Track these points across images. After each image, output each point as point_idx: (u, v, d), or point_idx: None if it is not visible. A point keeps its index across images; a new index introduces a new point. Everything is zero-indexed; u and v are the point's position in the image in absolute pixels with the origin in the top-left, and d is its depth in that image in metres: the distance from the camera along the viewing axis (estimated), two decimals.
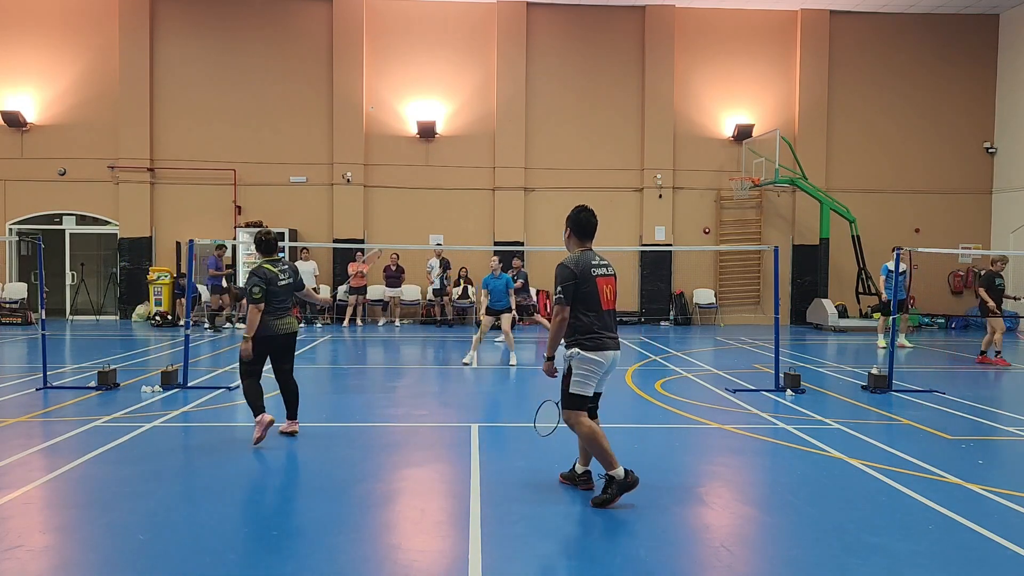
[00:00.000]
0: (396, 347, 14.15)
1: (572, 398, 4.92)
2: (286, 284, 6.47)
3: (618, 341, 5.00)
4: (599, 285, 4.86)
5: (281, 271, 6.46)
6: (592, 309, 4.85)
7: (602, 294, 4.87)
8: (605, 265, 4.98)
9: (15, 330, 16.12)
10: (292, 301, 6.59)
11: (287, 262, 6.65)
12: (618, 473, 4.80)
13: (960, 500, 5.05)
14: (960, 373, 11.40)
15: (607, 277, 4.94)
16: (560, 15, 19.16)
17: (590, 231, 5.06)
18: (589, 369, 4.86)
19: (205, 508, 4.84)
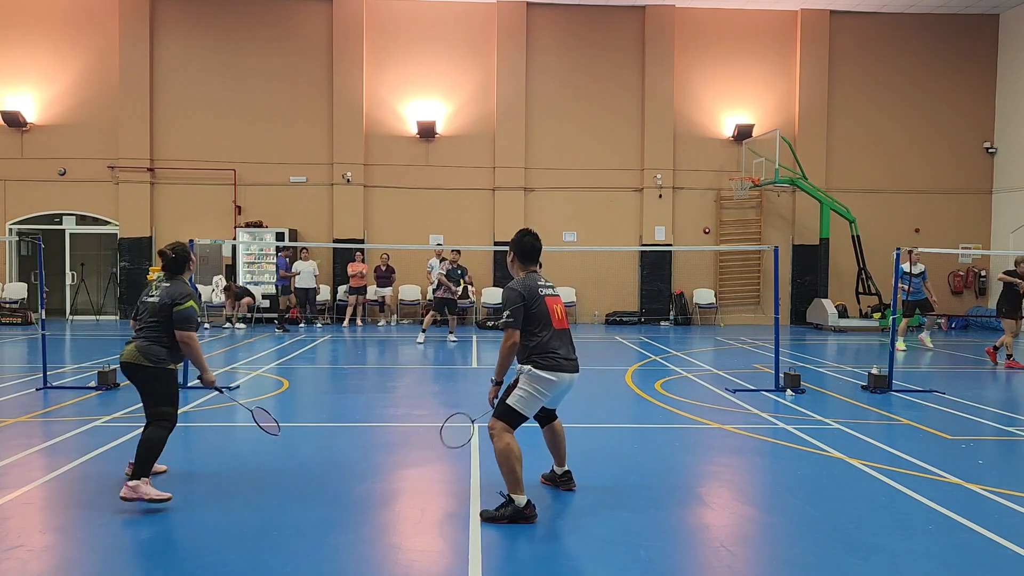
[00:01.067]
0: (395, 347, 14.15)
1: (508, 412, 4.68)
2: (149, 302, 5.11)
3: (576, 364, 4.81)
4: (548, 304, 4.79)
5: (157, 286, 5.16)
6: (545, 328, 4.70)
7: (552, 312, 4.79)
8: (550, 286, 4.94)
9: (15, 330, 16.12)
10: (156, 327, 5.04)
11: (175, 286, 5.13)
12: (520, 500, 4.54)
13: (960, 500, 5.05)
14: (960, 373, 11.40)
15: (554, 296, 4.89)
16: (560, 15, 19.16)
17: (534, 255, 4.96)
18: (537, 388, 4.65)
19: (205, 508, 4.84)
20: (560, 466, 5.23)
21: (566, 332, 4.87)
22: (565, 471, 5.22)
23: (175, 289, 5.09)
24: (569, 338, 4.89)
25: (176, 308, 5.01)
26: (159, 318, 5.03)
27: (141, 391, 5.04)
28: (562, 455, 5.19)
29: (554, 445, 5.17)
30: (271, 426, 5.54)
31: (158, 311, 5.04)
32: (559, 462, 5.23)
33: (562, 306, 4.94)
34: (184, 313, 5.02)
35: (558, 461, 5.23)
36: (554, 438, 5.16)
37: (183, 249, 5.29)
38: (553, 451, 5.20)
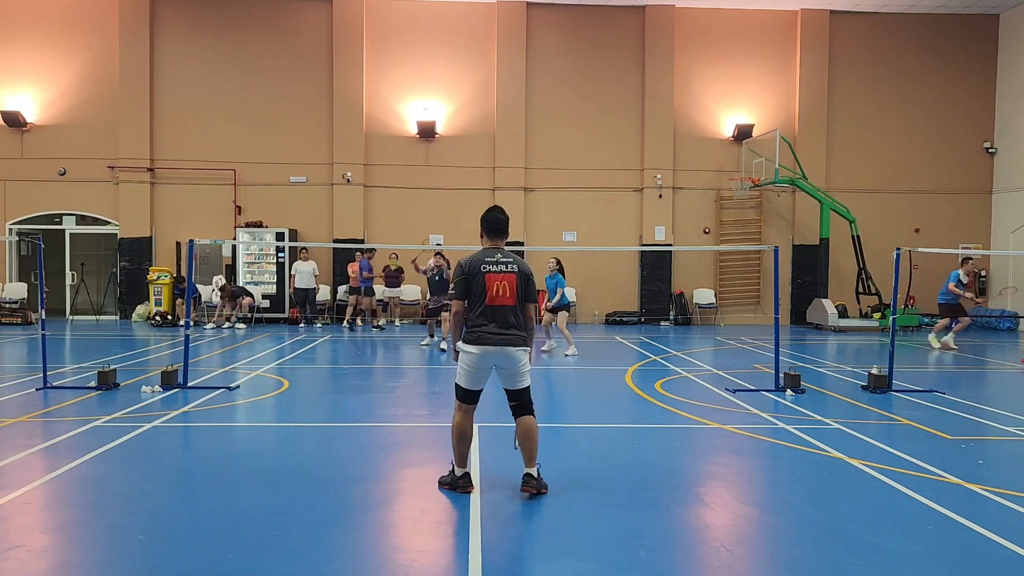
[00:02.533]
0: (396, 347, 14.14)
1: (456, 386, 5.09)
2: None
3: (504, 337, 4.88)
4: (487, 280, 4.91)
5: None
6: (478, 302, 4.94)
7: (489, 288, 4.90)
8: (505, 262, 4.97)
9: (15, 330, 16.12)
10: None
11: None
12: (457, 471, 5.04)
13: (960, 500, 5.05)
14: (960, 373, 11.40)
15: (502, 274, 4.93)
16: (560, 15, 19.16)
17: (497, 228, 5.11)
18: (464, 360, 4.96)
19: (205, 508, 4.84)
20: (527, 465, 5.05)
21: (501, 308, 4.92)
22: (526, 472, 5.04)
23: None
24: (505, 314, 4.91)
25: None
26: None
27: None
28: (527, 454, 5.03)
29: (521, 441, 5.05)
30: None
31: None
32: (525, 461, 5.06)
33: (507, 283, 4.92)
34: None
35: (524, 459, 5.07)
36: (521, 434, 5.04)
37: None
38: (520, 447, 5.08)
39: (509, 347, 4.92)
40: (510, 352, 4.93)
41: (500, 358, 4.94)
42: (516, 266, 4.99)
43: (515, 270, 4.98)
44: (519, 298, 4.96)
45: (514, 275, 4.96)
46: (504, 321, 4.93)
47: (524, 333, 4.98)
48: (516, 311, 4.96)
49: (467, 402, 5.06)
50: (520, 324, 4.98)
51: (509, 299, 4.94)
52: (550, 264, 13.09)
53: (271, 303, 18.20)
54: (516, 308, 4.96)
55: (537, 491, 5.01)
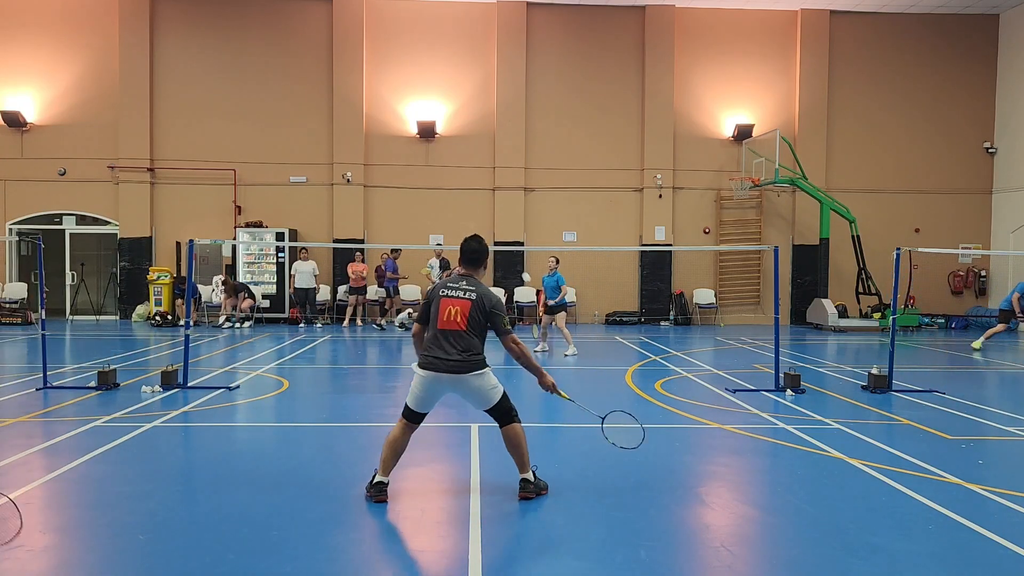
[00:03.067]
0: (396, 347, 14.14)
1: (405, 403, 5.11)
2: None
3: (450, 364, 4.83)
4: (441, 305, 4.93)
5: None
6: (431, 327, 4.99)
7: (441, 313, 4.91)
8: (463, 289, 4.95)
9: (15, 330, 16.12)
10: None
11: None
12: (379, 478, 4.99)
13: (960, 500, 5.05)
14: (960, 373, 11.40)
15: (454, 299, 4.92)
16: (560, 15, 19.16)
17: (472, 258, 5.10)
18: (415, 383, 5.02)
19: (205, 508, 4.84)
20: (520, 472, 5.05)
21: (449, 333, 4.89)
22: (521, 478, 5.04)
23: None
24: (454, 339, 4.87)
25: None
26: None
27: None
28: (517, 460, 5.02)
29: (509, 450, 5.04)
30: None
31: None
32: (518, 468, 5.06)
33: (460, 308, 4.89)
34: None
35: (517, 466, 5.07)
36: (507, 444, 5.03)
37: None
38: (511, 455, 5.07)
39: (459, 373, 4.85)
40: (462, 379, 4.86)
41: (452, 385, 4.91)
42: (475, 295, 4.91)
43: (472, 298, 4.90)
44: (471, 325, 4.87)
45: (469, 303, 4.89)
46: (453, 347, 4.87)
47: (476, 357, 4.87)
48: (467, 337, 4.86)
49: (410, 420, 5.06)
50: (471, 349, 4.86)
51: (460, 324, 4.88)
52: (550, 263, 13.05)
53: (271, 303, 18.19)
54: (467, 334, 4.86)
55: (536, 494, 5.00)
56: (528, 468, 5.02)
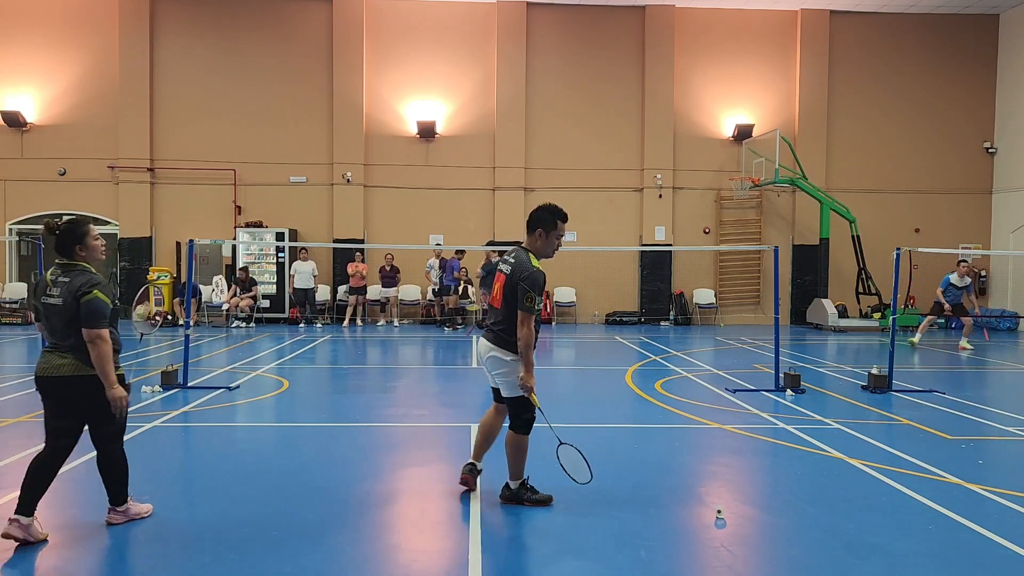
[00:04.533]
0: (396, 347, 14.15)
1: None
2: (53, 305, 4.19)
3: (486, 336, 4.89)
4: (496, 279, 4.94)
5: (56, 282, 4.21)
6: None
7: (493, 287, 4.96)
8: (506, 261, 4.90)
9: (15, 330, 16.13)
10: (74, 333, 4.18)
11: (78, 276, 4.21)
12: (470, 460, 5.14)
13: (960, 500, 5.05)
14: (960, 373, 11.40)
15: (500, 273, 4.88)
16: (560, 15, 19.16)
17: (527, 224, 4.96)
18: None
19: (205, 508, 4.84)
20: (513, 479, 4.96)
21: (492, 308, 4.95)
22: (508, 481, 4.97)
23: (75, 281, 4.17)
24: (494, 313, 4.90)
25: (84, 301, 4.12)
26: (72, 319, 4.16)
27: (93, 413, 4.28)
28: (509, 465, 4.91)
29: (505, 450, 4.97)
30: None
31: (66, 312, 4.16)
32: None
33: (499, 283, 4.85)
34: (90, 306, 4.12)
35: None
36: (505, 444, 4.94)
37: (73, 223, 4.33)
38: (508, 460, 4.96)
39: (486, 342, 4.87)
40: (486, 347, 4.86)
41: (485, 359, 4.90)
42: (510, 267, 4.79)
43: (506, 271, 4.81)
44: (505, 298, 4.75)
45: (504, 276, 4.82)
46: (496, 319, 4.87)
47: (505, 335, 4.73)
48: (500, 311, 4.80)
49: (495, 399, 5.10)
50: (503, 325, 4.76)
51: (496, 298, 4.86)
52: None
53: (271, 303, 18.19)
54: (501, 309, 4.80)
55: (514, 501, 4.87)
56: (517, 477, 4.90)
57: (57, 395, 4.22)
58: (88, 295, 4.11)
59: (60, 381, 4.16)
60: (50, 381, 4.17)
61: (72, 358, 4.17)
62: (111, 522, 4.42)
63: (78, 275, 4.20)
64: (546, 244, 4.85)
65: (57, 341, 4.21)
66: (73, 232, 4.26)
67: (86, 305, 4.11)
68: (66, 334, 4.18)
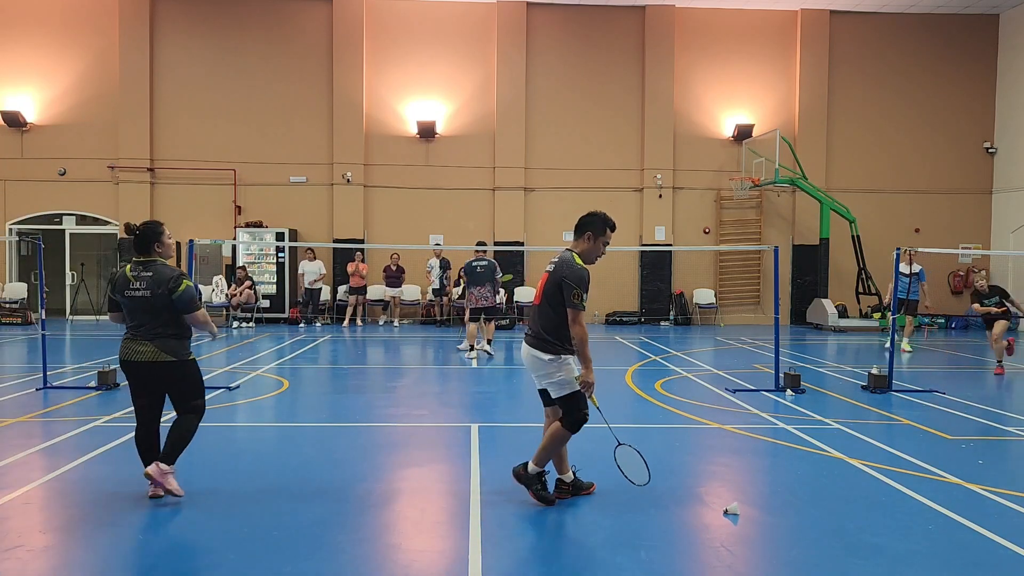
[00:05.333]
0: (396, 347, 14.15)
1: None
2: (139, 297, 4.79)
3: (527, 336, 4.91)
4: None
5: (138, 276, 4.82)
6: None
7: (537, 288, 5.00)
8: (552, 262, 4.94)
9: (15, 330, 16.12)
10: (158, 322, 4.80)
11: (162, 270, 4.87)
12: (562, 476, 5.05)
13: (960, 500, 5.05)
14: (960, 373, 11.40)
15: (545, 273, 4.93)
16: (560, 15, 19.16)
17: (575, 229, 5.01)
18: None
19: (205, 508, 4.84)
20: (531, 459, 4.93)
21: (534, 307, 5.01)
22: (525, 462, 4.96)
23: (161, 275, 4.76)
24: (535, 314, 4.94)
25: (176, 292, 4.73)
26: (159, 309, 4.73)
27: (177, 391, 4.90)
28: (539, 452, 4.87)
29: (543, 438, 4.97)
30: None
31: (154, 303, 4.72)
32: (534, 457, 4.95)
33: (541, 283, 4.91)
34: (185, 296, 4.76)
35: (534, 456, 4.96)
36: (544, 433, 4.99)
37: (152, 224, 4.97)
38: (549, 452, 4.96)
39: (526, 345, 4.92)
40: (526, 349, 4.92)
41: (527, 361, 4.93)
42: (554, 265, 4.87)
43: (549, 270, 4.89)
44: (546, 297, 4.81)
45: (547, 275, 4.89)
46: (535, 321, 4.93)
47: (544, 334, 4.77)
48: (540, 311, 4.86)
49: (544, 403, 5.04)
50: (541, 327, 4.81)
51: (536, 298, 4.96)
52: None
53: (271, 303, 18.19)
54: (541, 308, 4.86)
55: (523, 483, 4.88)
56: (538, 464, 4.87)
57: (138, 376, 4.84)
58: (180, 287, 4.74)
59: (140, 366, 4.78)
60: (132, 365, 4.81)
61: (151, 346, 4.75)
62: (149, 474, 4.74)
63: (160, 269, 4.82)
64: (593, 248, 4.93)
65: (138, 329, 4.80)
66: (152, 232, 4.93)
67: (180, 296, 4.73)
68: (150, 322, 4.77)
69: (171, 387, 4.89)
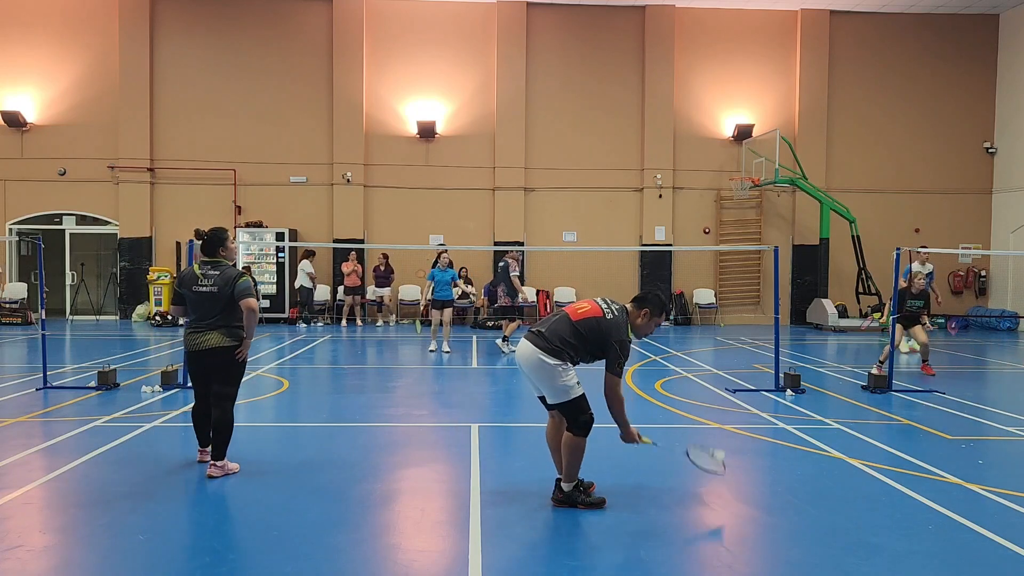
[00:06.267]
0: (395, 347, 14.15)
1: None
2: (206, 292, 5.43)
3: (533, 337, 4.78)
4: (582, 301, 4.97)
5: (206, 275, 5.46)
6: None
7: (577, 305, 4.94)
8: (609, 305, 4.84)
9: (15, 330, 16.12)
10: (222, 315, 5.45)
11: (227, 270, 5.52)
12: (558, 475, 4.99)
13: (960, 500, 5.05)
14: (960, 373, 11.40)
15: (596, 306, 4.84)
16: (560, 15, 19.16)
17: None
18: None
19: (205, 508, 4.85)
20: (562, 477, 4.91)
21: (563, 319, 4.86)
22: (557, 478, 4.95)
23: (227, 273, 5.47)
24: (560, 325, 4.78)
25: (237, 284, 5.42)
26: (225, 303, 5.42)
27: (216, 375, 5.48)
28: (565, 467, 4.84)
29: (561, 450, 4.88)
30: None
31: (221, 298, 5.41)
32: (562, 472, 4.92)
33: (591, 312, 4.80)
34: (244, 285, 5.45)
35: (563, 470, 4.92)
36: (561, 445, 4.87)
37: (219, 230, 5.64)
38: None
39: (531, 346, 4.76)
40: (530, 351, 4.75)
41: (525, 360, 4.78)
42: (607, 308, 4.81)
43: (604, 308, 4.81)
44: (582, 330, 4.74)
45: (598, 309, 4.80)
46: (549, 327, 4.80)
47: (556, 343, 4.67)
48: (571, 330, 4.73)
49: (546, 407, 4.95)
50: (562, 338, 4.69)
51: (575, 316, 4.82)
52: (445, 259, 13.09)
53: (271, 303, 18.19)
54: (573, 328, 4.73)
55: (568, 504, 4.82)
56: (571, 479, 4.81)
57: (202, 363, 5.51)
58: (242, 278, 5.48)
59: (206, 352, 5.44)
60: (198, 353, 5.48)
61: (216, 334, 5.44)
62: (211, 475, 5.37)
63: (226, 269, 5.51)
64: (646, 326, 4.92)
65: (203, 321, 5.47)
66: (218, 237, 5.59)
67: (241, 286, 5.44)
68: (216, 315, 5.44)
69: (223, 369, 5.48)
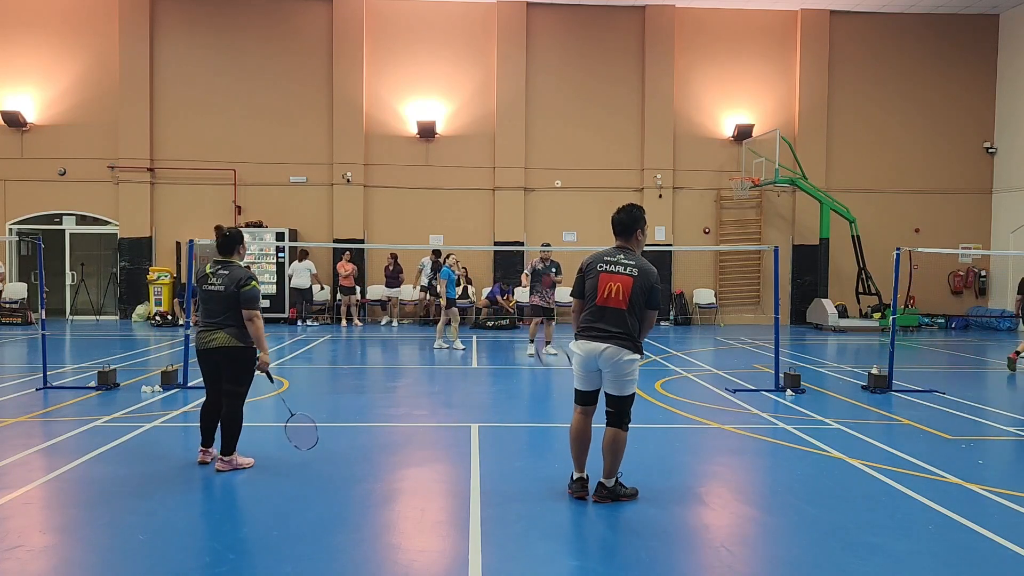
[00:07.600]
0: (395, 347, 14.15)
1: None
2: (215, 291, 5.54)
3: (607, 335, 4.78)
4: (601, 280, 4.88)
5: (216, 273, 5.57)
6: (588, 302, 4.95)
7: (601, 289, 4.86)
8: (623, 264, 4.89)
9: (15, 330, 16.12)
10: (228, 314, 5.53)
11: (236, 270, 5.59)
12: (576, 475, 5.02)
13: (960, 500, 5.05)
14: (960, 373, 11.40)
15: (615, 275, 4.86)
16: (560, 15, 19.16)
17: (618, 228, 5.16)
18: (573, 361, 4.99)
19: (205, 508, 4.85)
20: (603, 475, 4.94)
21: (608, 310, 4.83)
22: (599, 481, 4.96)
23: (235, 274, 5.52)
24: (613, 315, 4.81)
25: (243, 289, 5.47)
26: (231, 303, 5.48)
27: (231, 372, 5.55)
28: (606, 465, 4.89)
29: (603, 451, 4.90)
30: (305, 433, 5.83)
31: (227, 297, 5.48)
32: (603, 471, 4.95)
33: (621, 285, 4.83)
34: (250, 293, 5.49)
35: (604, 469, 4.95)
36: (603, 444, 4.88)
37: (237, 231, 5.76)
38: (603, 456, 4.93)
39: (613, 346, 4.77)
40: (612, 352, 4.76)
41: (603, 359, 4.79)
42: (637, 270, 4.86)
43: (633, 274, 4.84)
44: (632, 303, 4.81)
45: (631, 279, 4.83)
46: (614, 321, 4.81)
47: (631, 337, 4.80)
48: (626, 316, 4.80)
49: (580, 403, 5.00)
50: (629, 328, 4.81)
51: (621, 302, 4.82)
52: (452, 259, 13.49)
53: (271, 303, 18.19)
54: (626, 312, 4.80)
55: (612, 499, 4.89)
56: (612, 476, 4.90)
57: (212, 361, 5.58)
58: (248, 285, 5.49)
59: (214, 351, 5.53)
60: (207, 352, 5.56)
61: (223, 333, 5.50)
62: (219, 469, 5.49)
63: (235, 270, 5.57)
64: (642, 244, 5.11)
65: (212, 320, 5.52)
66: (235, 239, 5.72)
67: (246, 293, 5.47)
68: (222, 314, 5.50)
69: (231, 367, 5.56)
